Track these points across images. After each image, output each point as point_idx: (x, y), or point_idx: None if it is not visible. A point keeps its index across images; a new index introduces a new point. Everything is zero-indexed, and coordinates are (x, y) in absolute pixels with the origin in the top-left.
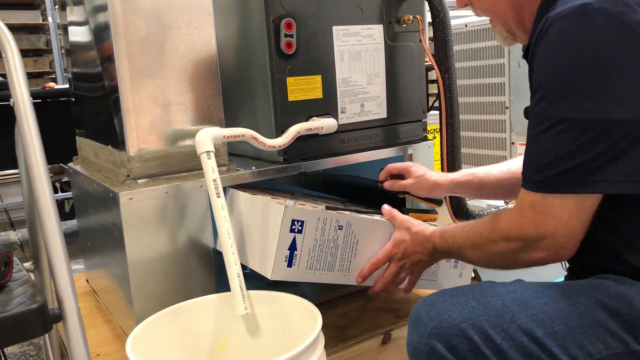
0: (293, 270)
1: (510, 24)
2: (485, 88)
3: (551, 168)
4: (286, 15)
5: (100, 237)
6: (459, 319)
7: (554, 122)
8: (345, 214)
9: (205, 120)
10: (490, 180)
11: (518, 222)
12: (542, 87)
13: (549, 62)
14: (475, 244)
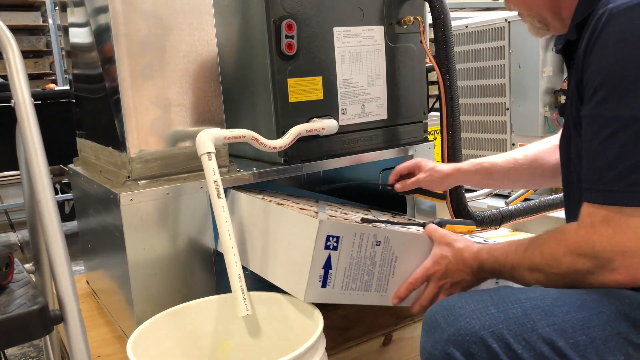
0: (327, 292)
1: (545, 15)
2: (486, 89)
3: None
4: (287, 17)
5: (100, 238)
6: (478, 326)
7: (623, 123)
8: (383, 227)
9: (206, 122)
10: (498, 170)
11: (589, 240)
12: (605, 86)
13: (613, 58)
14: (534, 265)
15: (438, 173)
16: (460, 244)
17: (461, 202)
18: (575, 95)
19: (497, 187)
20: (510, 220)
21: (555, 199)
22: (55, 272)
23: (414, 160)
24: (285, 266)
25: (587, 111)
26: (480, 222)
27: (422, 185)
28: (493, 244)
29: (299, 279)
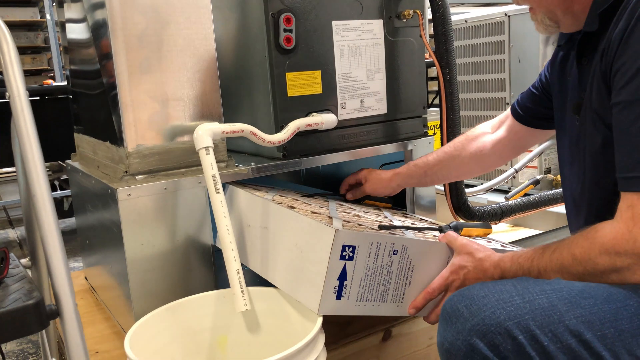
0: (342, 303)
1: (556, 12)
2: (486, 84)
3: None
4: (285, 10)
5: (99, 234)
6: (503, 317)
7: None
8: (399, 235)
9: (204, 116)
10: (430, 167)
11: (629, 234)
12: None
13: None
14: (565, 267)
15: (380, 181)
16: (481, 254)
17: (461, 197)
18: (599, 85)
19: (435, 182)
20: (510, 215)
21: (555, 193)
22: (51, 266)
23: (359, 172)
24: (294, 273)
25: (623, 96)
26: (480, 217)
27: (368, 193)
28: (515, 251)
29: (312, 290)
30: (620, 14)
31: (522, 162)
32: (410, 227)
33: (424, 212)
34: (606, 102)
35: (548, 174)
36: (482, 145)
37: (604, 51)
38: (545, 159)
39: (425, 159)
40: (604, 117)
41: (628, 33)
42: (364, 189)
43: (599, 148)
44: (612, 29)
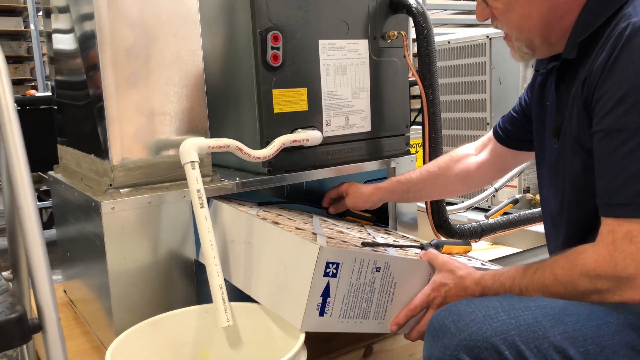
0: (325, 320)
1: (534, 40)
2: (467, 104)
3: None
4: (273, 28)
5: (80, 247)
6: (490, 332)
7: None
8: (382, 252)
9: (190, 130)
10: (413, 183)
11: (610, 258)
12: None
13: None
14: (547, 287)
15: (360, 194)
16: (462, 272)
17: (442, 214)
18: (579, 112)
19: (416, 200)
20: (490, 234)
21: (533, 213)
22: (35, 280)
23: (341, 185)
24: (277, 289)
25: (605, 124)
26: (461, 235)
27: (350, 207)
28: (497, 269)
29: (295, 306)
30: (602, 45)
31: (502, 182)
32: (393, 245)
33: (405, 229)
34: (586, 129)
35: (527, 193)
36: (466, 166)
37: (586, 80)
38: (524, 179)
39: (408, 176)
40: (584, 143)
41: (610, 64)
42: (344, 203)
43: (579, 172)
44: (594, 58)
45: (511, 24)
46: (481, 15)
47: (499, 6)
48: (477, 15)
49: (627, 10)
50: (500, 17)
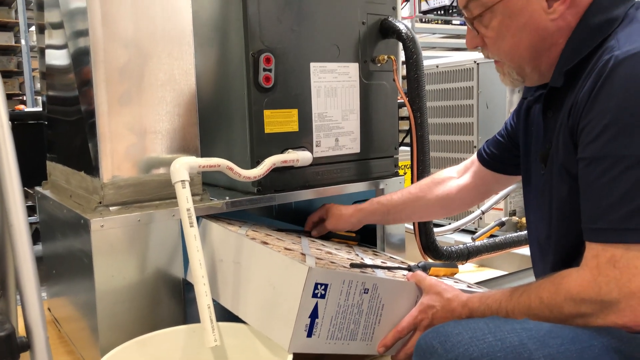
0: (312, 341)
1: (525, 67)
2: (455, 127)
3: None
4: (265, 50)
5: (67, 264)
6: (476, 354)
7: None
8: (370, 274)
9: (181, 149)
10: (394, 205)
11: (595, 283)
12: (612, 127)
13: (622, 100)
14: (532, 310)
15: (342, 216)
16: (449, 294)
17: (430, 236)
18: (565, 140)
19: (397, 221)
20: (476, 256)
21: (519, 236)
22: (25, 298)
23: (322, 208)
24: (265, 309)
25: (589, 152)
26: (448, 257)
27: (331, 229)
28: (484, 292)
29: (284, 327)
30: (587, 75)
31: (488, 204)
32: (381, 266)
33: (393, 250)
34: (572, 156)
35: (513, 216)
36: (448, 189)
37: (572, 109)
38: (510, 202)
39: (390, 197)
40: (570, 169)
41: (594, 95)
42: (325, 225)
43: (565, 198)
44: (580, 88)
45: (501, 52)
46: (471, 43)
47: (490, 34)
48: (467, 43)
49: (611, 43)
50: (490, 46)
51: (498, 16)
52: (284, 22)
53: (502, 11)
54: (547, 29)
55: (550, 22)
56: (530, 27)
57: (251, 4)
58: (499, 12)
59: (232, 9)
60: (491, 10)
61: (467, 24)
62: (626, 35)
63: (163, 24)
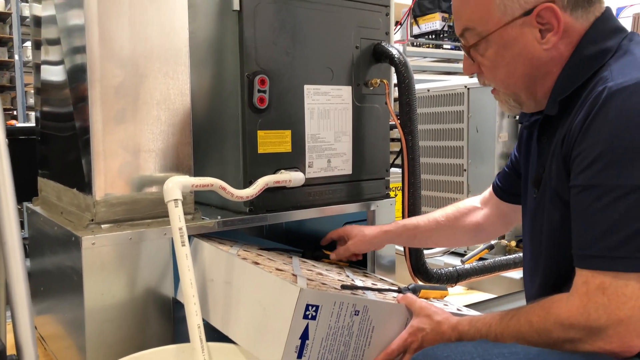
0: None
1: (520, 95)
2: (445, 150)
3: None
4: (260, 72)
5: (56, 281)
6: None
7: (626, 191)
8: (361, 296)
9: (175, 168)
10: (421, 231)
11: (583, 308)
12: (604, 157)
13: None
14: (521, 334)
15: (365, 237)
16: (439, 317)
17: (420, 259)
18: (558, 166)
19: (420, 246)
20: (466, 279)
21: (508, 259)
22: (16, 317)
23: (344, 228)
24: (255, 330)
25: (581, 180)
26: (438, 279)
27: (354, 251)
28: (474, 315)
29: (274, 348)
30: (581, 104)
31: None
32: (371, 288)
33: (383, 272)
34: (565, 183)
35: (502, 239)
36: (475, 219)
37: (565, 137)
38: None
39: (415, 222)
40: (562, 195)
41: (587, 124)
42: (348, 247)
43: (557, 223)
44: (574, 117)
45: (497, 80)
46: (468, 70)
47: (485, 63)
48: (464, 69)
49: (605, 73)
50: (486, 73)
51: (493, 46)
52: (279, 45)
53: (497, 41)
54: (540, 59)
55: (544, 52)
56: (524, 56)
57: (247, 27)
58: (493, 42)
59: (228, 30)
60: (486, 40)
61: (464, 51)
62: (620, 67)
63: (160, 44)
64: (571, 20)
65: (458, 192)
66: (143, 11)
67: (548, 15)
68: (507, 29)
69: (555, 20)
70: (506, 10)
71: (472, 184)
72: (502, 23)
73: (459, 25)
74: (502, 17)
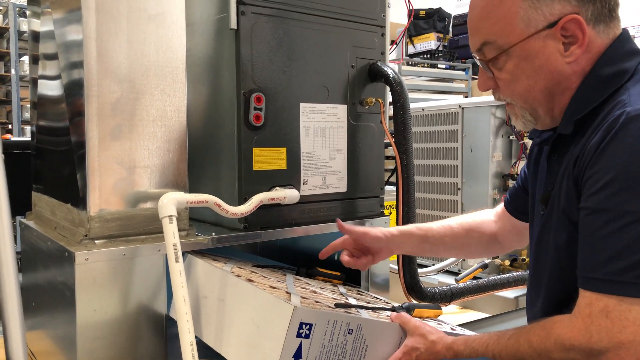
0: None
1: (538, 110)
2: (440, 169)
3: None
4: (256, 90)
5: (48, 296)
6: None
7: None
8: (355, 314)
9: (170, 185)
10: (433, 234)
11: (586, 330)
12: (617, 182)
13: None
14: (520, 353)
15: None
16: (433, 337)
17: (414, 277)
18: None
19: (432, 253)
20: (460, 298)
21: (502, 278)
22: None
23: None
24: (248, 348)
25: (592, 203)
26: (432, 298)
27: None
28: (469, 335)
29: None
30: (596, 126)
31: None
32: (365, 306)
33: (377, 290)
34: (574, 204)
35: (496, 258)
36: (490, 230)
37: (578, 158)
38: None
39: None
40: (571, 216)
41: (602, 148)
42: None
43: (563, 243)
44: (588, 138)
45: (515, 94)
46: (484, 85)
47: (504, 77)
48: (479, 86)
49: (622, 97)
50: (504, 88)
51: (514, 59)
52: (275, 63)
53: (519, 54)
54: (562, 72)
55: (567, 65)
56: (546, 69)
57: (244, 45)
58: (514, 55)
59: (225, 48)
60: (507, 53)
61: (481, 66)
62: (638, 92)
63: (157, 61)
64: (593, 34)
65: (452, 211)
66: (141, 28)
67: (573, 27)
68: (530, 41)
69: (580, 32)
70: (530, 22)
71: (467, 202)
72: (525, 35)
73: (477, 39)
74: (525, 29)
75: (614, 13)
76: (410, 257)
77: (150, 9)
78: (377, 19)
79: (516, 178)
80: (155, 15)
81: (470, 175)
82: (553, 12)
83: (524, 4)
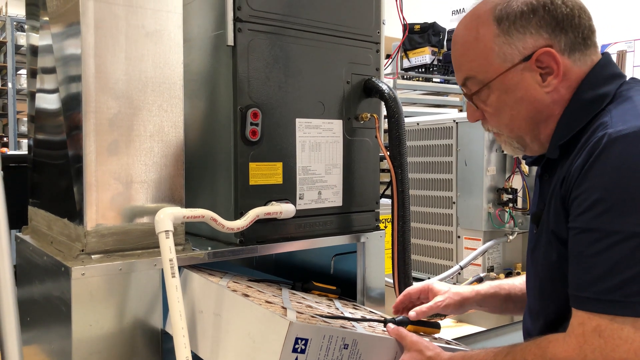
0: None
1: (524, 138)
2: (434, 183)
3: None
4: (253, 106)
5: (43, 311)
6: None
7: (623, 237)
8: (350, 329)
9: (166, 199)
10: (517, 293)
11: (580, 350)
12: (603, 202)
13: (613, 178)
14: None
15: (455, 295)
16: (430, 353)
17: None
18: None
19: (515, 312)
20: None
21: None
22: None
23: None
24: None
25: (580, 223)
26: None
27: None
28: (466, 352)
29: None
30: (580, 148)
31: (467, 259)
32: (360, 319)
33: (373, 304)
34: (563, 223)
35: (491, 272)
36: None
37: (564, 179)
38: (488, 258)
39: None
40: (560, 235)
41: (587, 169)
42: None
43: (554, 263)
44: (573, 159)
45: (501, 125)
46: (472, 117)
47: (489, 109)
48: (468, 117)
49: (605, 119)
50: (490, 119)
51: (495, 92)
52: (271, 79)
53: (499, 87)
54: (543, 101)
55: (546, 95)
56: (527, 100)
57: (241, 61)
58: (495, 88)
59: (222, 65)
60: (488, 87)
61: (467, 99)
62: (620, 114)
63: (154, 77)
64: (569, 63)
65: (447, 225)
66: (139, 45)
67: (547, 59)
68: (508, 75)
69: (554, 64)
70: (506, 57)
71: (461, 216)
72: (502, 70)
73: (460, 75)
74: (502, 64)
75: (589, 41)
76: (405, 271)
77: (148, 26)
78: (372, 35)
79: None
80: (153, 32)
81: (464, 189)
82: (526, 46)
83: (498, 40)
